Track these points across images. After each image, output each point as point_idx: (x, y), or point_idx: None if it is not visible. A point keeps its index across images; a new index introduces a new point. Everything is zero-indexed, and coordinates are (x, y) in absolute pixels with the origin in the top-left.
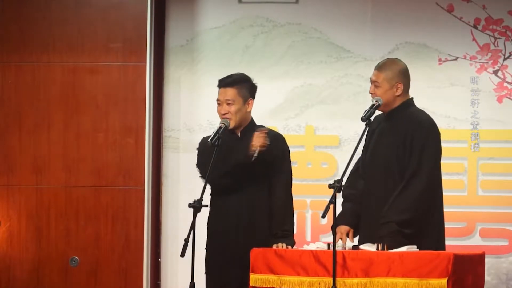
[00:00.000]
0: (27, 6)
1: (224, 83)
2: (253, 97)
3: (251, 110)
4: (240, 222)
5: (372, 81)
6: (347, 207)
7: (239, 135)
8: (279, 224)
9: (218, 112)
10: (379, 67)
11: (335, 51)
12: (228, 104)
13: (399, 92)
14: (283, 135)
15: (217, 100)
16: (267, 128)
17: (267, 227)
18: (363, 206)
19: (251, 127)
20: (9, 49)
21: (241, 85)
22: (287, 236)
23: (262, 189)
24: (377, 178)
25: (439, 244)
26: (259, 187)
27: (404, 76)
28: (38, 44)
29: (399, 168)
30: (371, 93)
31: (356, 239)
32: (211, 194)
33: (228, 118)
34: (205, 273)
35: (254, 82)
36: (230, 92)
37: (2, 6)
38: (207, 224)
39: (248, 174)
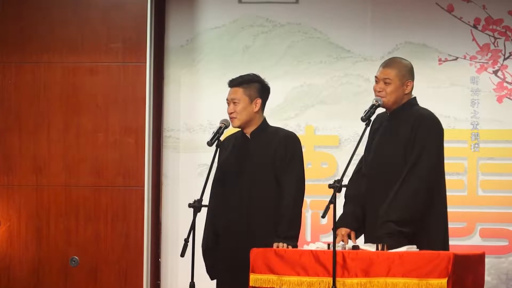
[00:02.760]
0: (27, 6)
1: (232, 83)
2: (263, 97)
3: (259, 110)
4: (246, 222)
5: (381, 79)
6: (348, 209)
7: (249, 137)
8: (285, 227)
9: (227, 112)
10: (388, 65)
11: (335, 51)
12: (234, 103)
13: (408, 89)
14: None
15: (226, 100)
16: (280, 128)
17: (273, 229)
18: (367, 206)
19: (263, 128)
20: (9, 49)
21: (248, 85)
22: (291, 239)
23: (270, 191)
24: (381, 178)
25: (445, 244)
26: (268, 188)
27: (412, 74)
28: (38, 44)
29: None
30: (379, 91)
31: (361, 239)
32: (219, 194)
33: (233, 117)
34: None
35: (265, 82)
36: (236, 91)
37: (2, 6)
38: (213, 224)
39: (259, 176)
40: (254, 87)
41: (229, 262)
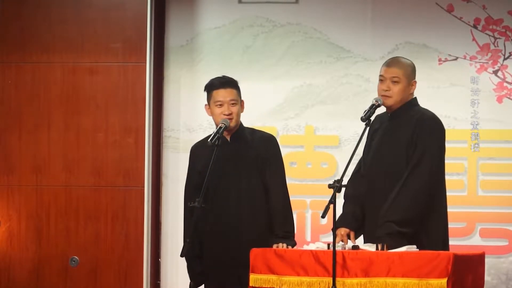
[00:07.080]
0: (27, 6)
1: (222, 82)
2: None
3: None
4: (236, 224)
5: (388, 78)
6: (348, 209)
7: (229, 139)
8: (279, 225)
9: (219, 114)
10: (394, 64)
11: (335, 51)
12: (232, 104)
13: (413, 89)
14: (275, 135)
15: (217, 101)
16: (256, 130)
17: (265, 229)
18: (367, 206)
19: (241, 131)
20: (9, 49)
21: (237, 87)
22: (288, 237)
23: (257, 191)
24: (381, 178)
25: (444, 244)
26: (254, 189)
27: (415, 74)
28: (38, 44)
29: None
30: (386, 90)
31: (361, 239)
32: (204, 197)
33: (231, 119)
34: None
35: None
36: (232, 93)
37: (2, 6)
38: (204, 227)
39: (242, 177)
40: (239, 89)
41: (221, 264)
